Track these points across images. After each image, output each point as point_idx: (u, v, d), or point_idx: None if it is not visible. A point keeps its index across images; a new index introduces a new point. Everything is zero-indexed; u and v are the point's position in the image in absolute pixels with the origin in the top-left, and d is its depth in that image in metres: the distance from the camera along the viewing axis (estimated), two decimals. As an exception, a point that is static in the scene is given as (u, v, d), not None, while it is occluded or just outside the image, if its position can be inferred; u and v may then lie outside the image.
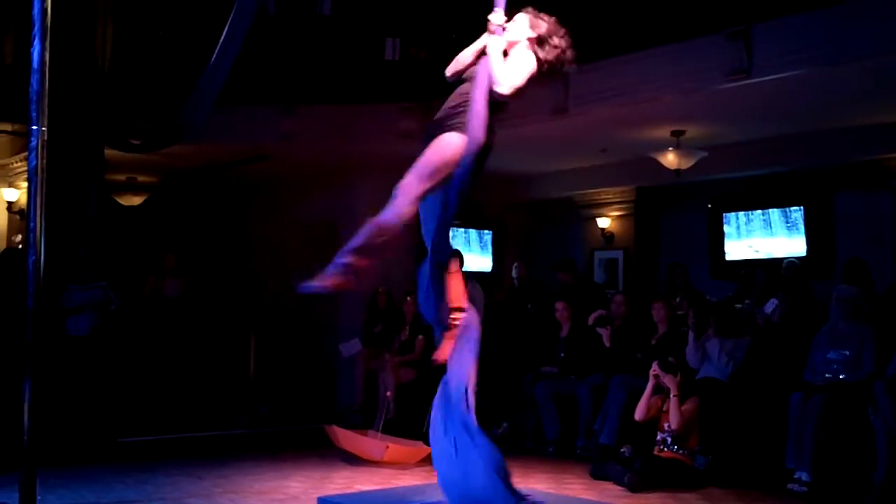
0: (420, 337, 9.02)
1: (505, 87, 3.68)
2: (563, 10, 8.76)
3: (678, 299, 8.28)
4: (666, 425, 6.16)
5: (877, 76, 6.93)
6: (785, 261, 8.46)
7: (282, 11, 9.21)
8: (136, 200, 11.64)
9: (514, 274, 9.92)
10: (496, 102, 3.70)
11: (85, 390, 7.80)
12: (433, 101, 8.56)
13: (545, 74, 3.80)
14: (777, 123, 8.45)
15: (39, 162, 2.57)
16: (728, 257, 10.03)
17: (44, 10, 2.51)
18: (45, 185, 2.55)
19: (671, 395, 6.14)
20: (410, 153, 3.97)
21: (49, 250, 2.82)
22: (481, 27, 3.80)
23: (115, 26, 9.02)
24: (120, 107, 8.53)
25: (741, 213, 9.96)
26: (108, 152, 8.72)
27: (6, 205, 10.79)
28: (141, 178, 11.35)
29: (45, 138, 2.58)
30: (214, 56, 5.60)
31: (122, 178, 11.06)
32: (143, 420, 8.31)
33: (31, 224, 2.54)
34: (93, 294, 8.15)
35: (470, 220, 11.28)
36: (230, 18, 5.36)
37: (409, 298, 9.32)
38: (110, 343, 8.24)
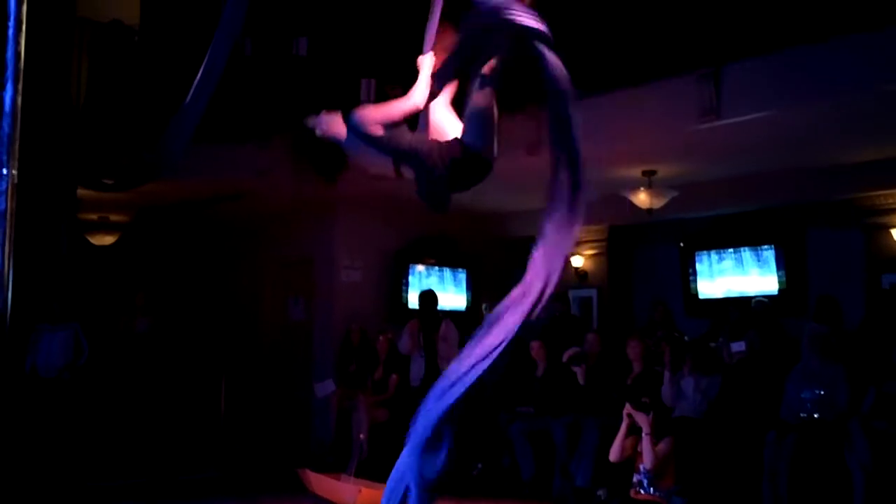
0: (394, 376, 8.98)
1: None
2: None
3: (659, 334, 8.32)
4: (641, 466, 6.14)
5: (845, 116, 7.05)
6: (754, 300, 8.53)
7: (258, 52, 9.25)
8: (109, 240, 11.54)
9: (485, 313, 9.93)
10: None
11: (53, 433, 7.67)
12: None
13: None
14: (748, 163, 8.55)
15: (9, 205, 2.53)
16: (701, 296, 10.10)
17: (17, 54, 2.49)
18: (15, 229, 2.52)
19: (644, 435, 6.12)
20: (386, 190, 3.95)
21: (18, 292, 2.77)
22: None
23: (91, 61, 9.01)
24: (94, 144, 8.50)
25: (713, 252, 10.05)
26: (80, 191, 8.67)
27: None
28: (113, 217, 11.27)
29: (16, 182, 2.56)
30: (190, 95, 5.61)
31: (94, 217, 10.97)
32: (112, 464, 8.17)
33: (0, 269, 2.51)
34: (63, 336, 8.05)
35: (444, 259, 11.28)
36: (206, 57, 5.37)
37: (381, 337, 9.30)
38: (80, 385, 8.11)
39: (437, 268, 11.19)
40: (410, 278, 10.84)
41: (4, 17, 2.51)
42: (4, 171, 2.45)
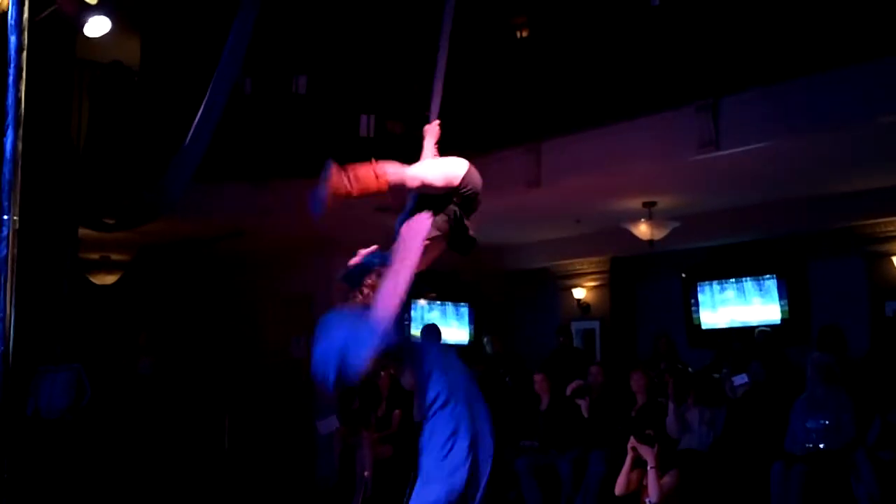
0: (397, 411, 8.92)
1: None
2: (535, 83, 8.93)
3: (662, 366, 8.29)
4: (647, 499, 6.07)
5: (843, 146, 7.07)
6: (757, 330, 8.51)
7: (258, 90, 9.31)
8: (110, 279, 11.54)
9: (486, 348, 9.89)
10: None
11: (56, 474, 7.61)
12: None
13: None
14: (748, 193, 8.57)
15: (10, 251, 2.54)
16: (704, 326, 10.07)
17: (18, 100, 2.51)
18: (16, 271, 2.52)
19: (649, 468, 6.06)
20: (386, 227, 3.97)
21: (20, 334, 2.77)
22: (455, 104, 3.84)
23: (92, 102, 9.07)
24: (95, 184, 8.53)
25: (715, 282, 10.04)
26: (82, 231, 8.68)
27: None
28: (114, 257, 11.29)
29: (17, 227, 2.56)
30: (190, 133, 5.64)
31: (95, 256, 10.99)
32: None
33: (1, 314, 2.50)
34: (66, 377, 8.01)
35: (446, 293, 11.27)
36: (206, 96, 5.42)
37: (383, 373, 9.25)
38: (83, 426, 8.07)
39: (438, 302, 11.17)
40: (412, 313, 10.82)
41: (4, 63, 2.54)
42: (6, 217, 2.46)
